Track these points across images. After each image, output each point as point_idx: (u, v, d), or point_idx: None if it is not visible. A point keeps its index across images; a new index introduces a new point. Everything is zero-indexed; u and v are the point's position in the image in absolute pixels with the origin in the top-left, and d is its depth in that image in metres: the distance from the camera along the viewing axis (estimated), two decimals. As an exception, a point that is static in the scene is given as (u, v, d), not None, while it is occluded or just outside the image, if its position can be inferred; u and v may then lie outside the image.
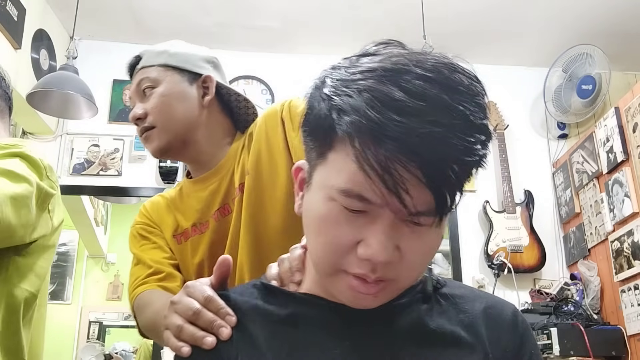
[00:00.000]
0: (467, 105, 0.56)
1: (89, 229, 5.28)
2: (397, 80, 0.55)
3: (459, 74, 0.58)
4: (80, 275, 5.72)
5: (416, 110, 0.54)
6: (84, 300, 5.73)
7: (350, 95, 0.56)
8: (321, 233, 0.61)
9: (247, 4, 3.44)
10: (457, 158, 0.55)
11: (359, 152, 0.55)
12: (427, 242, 0.59)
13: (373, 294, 0.61)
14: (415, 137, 0.53)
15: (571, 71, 3.68)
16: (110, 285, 5.84)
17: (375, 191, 0.55)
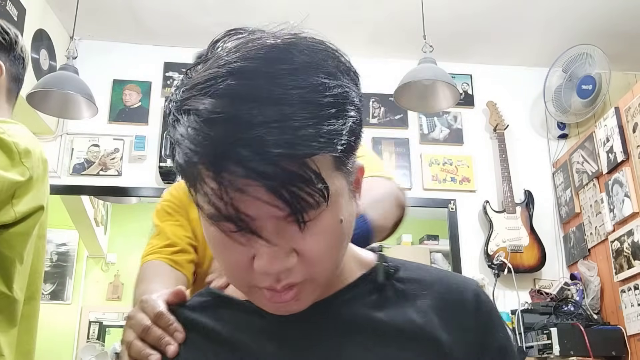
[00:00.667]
0: (302, 85, 0.52)
1: (89, 229, 5.28)
2: (214, 88, 0.52)
3: (291, 50, 0.54)
4: (80, 275, 5.71)
5: (232, 117, 0.50)
6: (84, 300, 5.72)
7: (179, 120, 0.55)
8: (218, 257, 0.59)
9: (247, 4, 3.44)
10: (294, 155, 0.50)
11: (200, 186, 0.53)
12: (322, 232, 0.55)
13: (292, 300, 0.58)
14: (237, 149, 0.49)
15: (571, 71, 3.68)
16: (110, 285, 5.84)
17: (228, 222, 0.53)
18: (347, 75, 0.57)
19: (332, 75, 0.54)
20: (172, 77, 3.83)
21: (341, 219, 0.57)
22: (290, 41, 0.55)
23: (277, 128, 0.49)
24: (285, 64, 0.53)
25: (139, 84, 3.77)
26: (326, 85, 0.53)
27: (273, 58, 0.53)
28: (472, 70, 4.00)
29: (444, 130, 3.85)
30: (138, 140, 3.61)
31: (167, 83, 3.81)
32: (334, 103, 0.53)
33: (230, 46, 0.56)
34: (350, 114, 0.55)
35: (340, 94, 0.54)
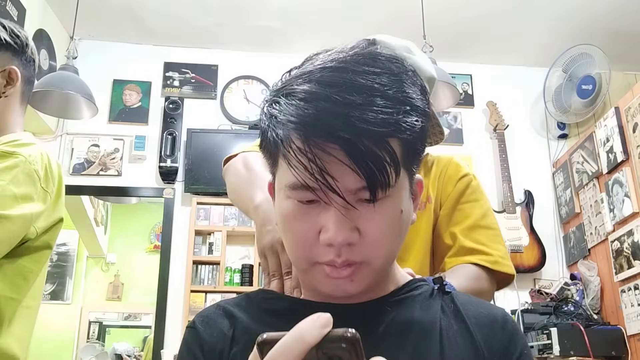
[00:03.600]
0: (384, 82, 0.61)
1: (89, 229, 5.28)
2: (311, 77, 0.62)
3: (375, 59, 0.64)
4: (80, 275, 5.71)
5: (325, 97, 0.59)
6: (84, 300, 5.72)
7: (278, 102, 0.63)
8: (287, 231, 0.65)
9: (247, 4, 3.44)
10: (373, 131, 0.58)
11: (289, 147, 0.60)
12: (385, 216, 0.62)
13: (347, 277, 0.63)
14: (328, 120, 0.58)
15: (571, 71, 3.68)
16: (110, 285, 5.84)
17: (310, 179, 0.59)
18: (418, 89, 0.65)
19: (406, 84, 0.64)
20: (172, 77, 3.83)
21: (402, 210, 0.64)
22: (376, 54, 0.65)
23: (362, 109, 0.59)
24: (369, 67, 0.63)
25: (139, 84, 3.77)
26: (404, 88, 0.63)
27: (359, 61, 0.63)
28: (472, 70, 4.00)
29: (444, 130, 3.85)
30: (138, 140, 3.61)
31: (167, 83, 3.81)
32: (406, 102, 0.62)
33: (321, 55, 0.67)
34: (418, 114, 0.63)
35: (413, 97, 0.63)
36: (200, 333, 0.72)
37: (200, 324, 0.73)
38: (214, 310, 0.75)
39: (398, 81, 0.63)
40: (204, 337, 0.72)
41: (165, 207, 3.54)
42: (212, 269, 3.45)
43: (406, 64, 0.67)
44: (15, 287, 1.18)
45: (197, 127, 3.65)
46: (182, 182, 3.57)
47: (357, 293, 0.65)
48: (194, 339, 0.72)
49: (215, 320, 0.73)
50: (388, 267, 0.70)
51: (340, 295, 0.66)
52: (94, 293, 5.80)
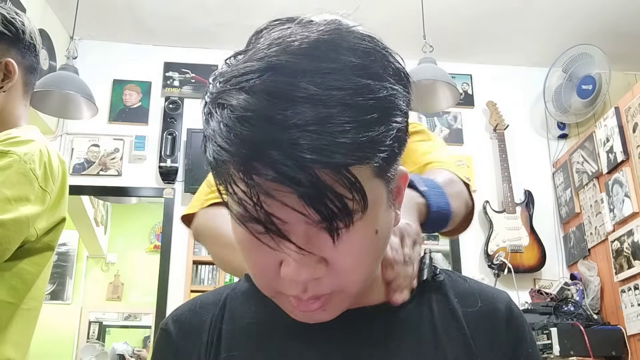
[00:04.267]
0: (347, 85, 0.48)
1: (89, 229, 5.28)
2: (250, 82, 0.49)
3: (337, 48, 0.50)
4: (80, 275, 5.71)
5: (265, 116, 0.47)
6: (84, 300, 5.73)
7: (212, 114, 0.51)
8: (245, 259, 0.56)
9: (247, 4, 3.44)
10: (329, 163, 0.46)
11: (229, 185, 0.50)
12: (355, 242, 0.51)
13: (319, 309, 0.55)
14: (269, 152, 0.46)
15: (571, 71, 3.68)
16: (110, 285, 5.84)
17: (258, 224, 0.50)
18: (395, 77, 0.53)
19: (378, 77, 0.51)
20: (172, 77, 3.83)
21: (377, 230, 0.53)
22: (336, 37, 0.51)
23: (313, 132, 0.46)
24: (327, 62, 0.49)
25: (139, 84, 3.77)
26: (370, 88, 0.49)
27: (314, 55, 0.49)
28: (472, 70, 4.00)
29: (444, 130, 3.85)
30: (138, 140, 3.61)
31: (167, 83, 3.81)
32: (378, 107, 0.49)
33: (272, 37, 0.52)
34: (396, 119, 0.51)
35: (385, 97, 0.50)
36: (173, 340, 0.67)
37: (174, 327, 0.68)
38: (189, 308, 0.69)
39: (366, 76, 0.50)
40: (179, 345, 0.66)
41: (165, 207, 3.54)
42: (212, 269, 3.45)
43: (378, 40, 0.54)
44: (13, 290, 1.12)
45: (197, 127, 3.65)
46: (182, 182, 3.57)
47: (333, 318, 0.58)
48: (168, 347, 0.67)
49: (191, 321, 0.67)
50: (366, 286, 0.60)
51: (312, 323, 0.58)
52: (94, 293, 5.80)
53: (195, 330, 0.66)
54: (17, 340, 1.14)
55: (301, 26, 0.53)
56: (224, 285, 0.73)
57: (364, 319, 0.63)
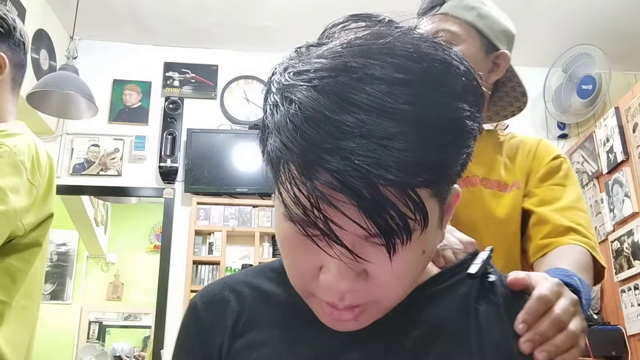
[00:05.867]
0: (417, 101, 0.46)
1: (89, 229, 5.28)
2: (319, 79, 0.47)
3: (409, 55, 0.48)
4: (80, 275, 5.71)
5: (333, 121, 0.45)
6: (84, 300, 5.73)
7: (277, 106, 0.49)
8: (285, 255, 0.55)
9: (247, 4, 3.44)
10: (394, 182, 0.45)
11: (285, 181, 0.48)
12: (402, 261, 0.50)
13: (351, 320, 0.54)
14: (334, 160, 0.44)
15: (571, 71, 3.68)
16: (110, 285, 5.84)
17: (311, 226, 0.48)
18: (470, 96, 0.50)
19: (454, 96, 0.49)
20: (172, 77, 3.83)
21: (424, 250, 0.52)
22: (417, 46, 0.49)
23: (382, 146, 0.44)
24: (403, 73, 0.47)
25: (139, 84, 3.77)
26: (445, 108, 0.47)
27: (392, 63, 0.47)
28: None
29: (444, 130, 3.86)
30: (138, 140, 3.61)
31: (167, 83, 3.81)
32: (451, 129, 0.47)
33: (350, 37, 0.50)
34: (467, 143, 0.49)
35: (459, 119, 0.48)
36: (201, 318, 0.66)
37: (202, 306, 0.67)
38: (219, 290, 0.67)
39: (441, 93, 0.47)
40: (205, 325, 0.65)
41: (165, 207, 3.54)
42: (212, 269, 3.45)
43: (451, 52, 0.51)
44: (2, 288, 1.11)
45: (197, 127, 3.65)
46: (182, 182, 3.57)
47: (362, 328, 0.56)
48: (195, 325, 0.66)
49: (220, 302, 0.66)
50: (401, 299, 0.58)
51: (342, 331, 0.56)
52: (94, 293, 5.80)
53: (222, 310, 0.65)
54: (12, 339, 1.13)
55: (380, 27, 0.51)
56: (254, 266, 0.72)
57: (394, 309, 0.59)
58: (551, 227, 1.04)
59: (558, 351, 0.59)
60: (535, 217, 1.08)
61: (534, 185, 1.12)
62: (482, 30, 1.13)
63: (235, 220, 3.51)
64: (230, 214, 3.52)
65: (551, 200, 1.08)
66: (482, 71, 1.13)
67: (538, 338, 0.59)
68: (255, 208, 3.53)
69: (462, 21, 1.12)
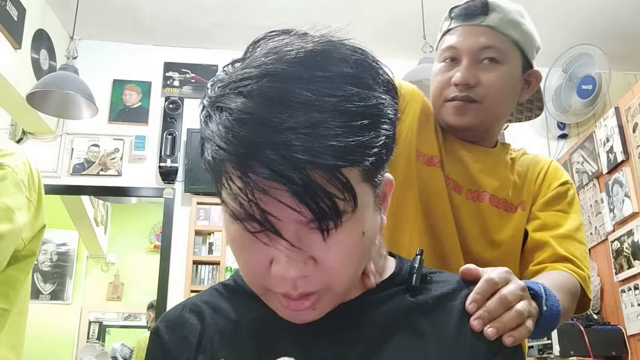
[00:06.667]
0: (339, 93, 0.51)
1: (89, 229, 5.28)
2: (248, 87, 0.52)
3: (329, 58, 0.53)
4: (80, 275, 5.71)
5: (262, 120, 0.50)
6: (84, 300, 5.73)
7: (210, 117, 0.55)
8: (237, 258, 0.58)
9: (247, 4, 3.44)
10: (321, 164, 0.49)
11: (226, 183, 0.52)
12: (343, 242, 0.54)
13: (308, 308, 0.58)
14: (265, 152, 0.49)
15: (571, 71, 3.68)
16: (110, 285, 5.84)
17: (252, 220, 0.52)
18: (384, 87, 0.56)
19: (368, 87, 0.54)
20: (172, 77, 3.83)
21: (364, 232, 0.56)
22: (329, 48, 0.54)
23: (306, 135, 0.49)
24: (320, 71, 0.52)
25: (139, 84, 3.77)
26: (360, 96, 0.53)
27: (309, 64, 0.52)
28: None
29: (444, 130, 3.85)
30: (138, 140, 3.61)
31: (167, 83, 3.81)
32: (367, 114, 0.52)
33: (269, 47, 0.55)
34: (384, 126, 0.54)
35: (374, 105, 0.54)
36: (164, 342, 0.67)
37: (164, 331, 0.68)
38: (179, 313, 0.70)
39: (357, 85, 0.53)
40: (169, 347, 0.67)
41: (165, 207, 3.54)
42: (212, 269, 3.45)
43: (369, 53, 0.57)
44: (5, 297, 1.19)
45: (197, 127, 3.63)
46: (182, 182, 3.57)
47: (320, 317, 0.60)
48: (159, 350, 0.68)
49: (182, 324, 0.68)
50: (352, 286, 0.62)
51: (299, 323, 0.60)
52: (94, 293, 5.80)
53: (184, 331, 0.68)
54: (13, 342, 1.21)
55: (297, 37, 0.56)
56: (212, 286, 0.74)
57: (346, 313, 0.64)
58: (547, 255, 1.05)
59: (506, 328, 0.64)
60: (533, 242, 1.08)
61: (538, 208, 1.11)
62: (524, 49, 1.11)
63: (235, 220, 3.50)
64: (230, 214, 3.52)
65: (552, 226, 1.08)
66: (518, 90, 1.11)
67: (487, 315, 0.64)
68: (255, 208, 3.53)
69: (507, 38, 1.09)
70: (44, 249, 5.39)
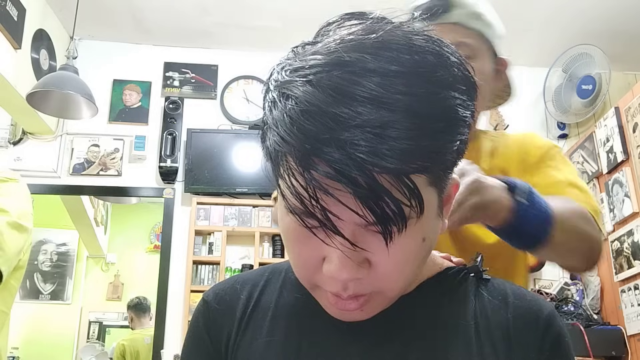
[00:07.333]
0: (412, 91, 0.48)
1: (89, 229, 5.28)
2: (316, 75, 0.48)
3: (403, 49, 0.49)
4: (80, 275, 5.71)
5: (329, 114, 0.46)
6: (83, 300, 5.73)
7: (275, 103, 0.50)
8: (288, 249, 0.57)
9: (247, 4, 3.44)
10: (388, 168, 0.46)
11: (284, 175, 0.50)
12: (402, 248, 0.52)
13: (357, 309, 0.56)
14: (330, 150, 0.46)
15: (571, 71, 3.68)
16: (110, 285, 5.84)
17: (311, 217, 0.50)
18: (463, 85, 0.52)
19: (444, 85, 0.50)
20: (172, 77, 3.83)
21: (424, 238, 0.54)
22: (407, 39, 0.50)
23: (375, 135, 0.46)
24: (396, 65, 0.48)
25: (139, 84, 3.77)
26: (437, 96, 0.49)
27: (385, 56, 0.48)
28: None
29: (444, 130, 3.85)
30: (138, 140, 3.61)
31: (167, 83, 3.81)
32: (442, 117, 0.49)
33: (343, 33, 0.52)
34: (459, 130, 0.51)
35: (451, 107, 0.50)
36: (211, 310, 0.68)
37: (213, 299, 0.69)
38: (231, 284, 0.70)
39: (433, 82, 0.49)
40: (214, 316, 0.68)
41: (165, 207, 3.54)
42: (212, 269, 3.45)
43: (442, 43, 0.52)
44: (4, 301, 1.36)
45: (197, 127, 3.65)
46: (182, 182, 3.57)
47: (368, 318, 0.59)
48: (205, 316, 0.69)
49: (231, 296, 0.69)
50: (404, 290, 0.60)
51: (346, 321, 0.59)
52: (94, 293, 5.80)
53: (231, 306, 0.68)
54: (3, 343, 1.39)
55: (373, 23, 0.52)
56: (267, 266, 0.74)
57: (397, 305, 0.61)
58: None
59: None
60: None
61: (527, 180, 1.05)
62: (490, 39, 1.10)
63: (235, 220, 3.51)
64: (230, 214, 3.52)
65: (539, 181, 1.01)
66: (489, 81, 1.09)
67: None
68: (255, 208, 3.53)
69: (473, 32, 1.07)
70: (44, 249, 5.39)
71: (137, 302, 4.62)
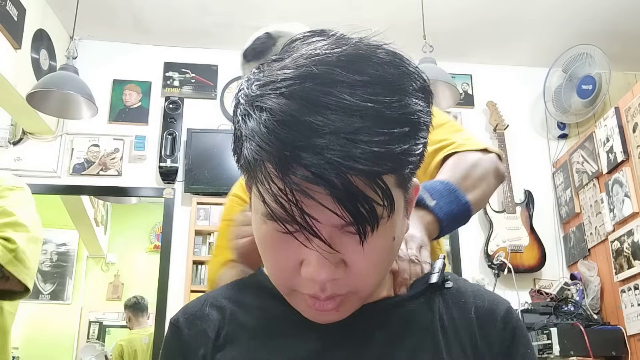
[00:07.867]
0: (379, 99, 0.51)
1: (89, 229, 5.28)
2: (289, 87, 0.52)
3: (369, 61, 0.53)
4: (80, 275, 5.71)
5: (303, 123, 0.50)
6: (83, 300, 5.72)
7: (250, 115, 0.54)
8: (265, 257, 0.59)
9: (247, 4, 3.44)
10: (363, 171, 0.50)
11: (265, 184, 0.53)
12: (375, 248, 0.55)
13: (333, 310, 0.59)
14: (308, 155, 0.49)
15: (571, 71, 3.68)
16: (110, 285, 5.84)
17: (289, 220, 0.53)
18: (422, 94, 0.56)
19: (407, 93, 0.54)
20: (172, 77, 3.83)
21: (394, 237, 0.58)
22: (368, 52, 0.54)
23: (348, 140, 0.50)
24: (362, 76, 0.52)
25: (139, 84, 3.77)
26: (401, 103, 0.53)
27: (350, 68, 0.52)
28: (472, 70, 4.00)
29: (444, 130, 3.85)
30: (138, 140, 3.61)
31: (167, 83, 3.81)
32: (407, 122, 0.53)
33: (309, 49, 0.56)
34: (421, 134, 0.56)
35: (414, 112, 0.54)
36: (182, 334, 0.68)
37: (184, 323, 0.69)
38: (200, 307, 0.70)
39: (397, 91, 0.53)
40: (187, 340, 0.68)
41: (165, 207, 3.54)
42: (212, 269, 3.44)
43: (407, 59, 0.57)
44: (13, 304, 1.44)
45: (197, 127, 3.65)
46: (182, 182, 3.57)
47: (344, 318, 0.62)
48: (177, 342, 0.68)
49: (201, 318, 0.69)
50: (377, 289, 0.65)
51: (322, 323, 0.62)
52: (94, 293, 5.80)
53: (203, 325, 0.68)
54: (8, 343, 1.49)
55: (335, 39, 0.57)
56: (234, 281, 0.75)
57: (368, 314, 0.65)
58: None
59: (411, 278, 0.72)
60: None
61: None
62: None
63: (235, 220, 3.50)
64: (230, 214, 3.51)
65: None
66: None
67: None
68: (255, 208, 3.53)
69: None
70: (44, 249, 5.38)
71: (134, 301, 4.61)
